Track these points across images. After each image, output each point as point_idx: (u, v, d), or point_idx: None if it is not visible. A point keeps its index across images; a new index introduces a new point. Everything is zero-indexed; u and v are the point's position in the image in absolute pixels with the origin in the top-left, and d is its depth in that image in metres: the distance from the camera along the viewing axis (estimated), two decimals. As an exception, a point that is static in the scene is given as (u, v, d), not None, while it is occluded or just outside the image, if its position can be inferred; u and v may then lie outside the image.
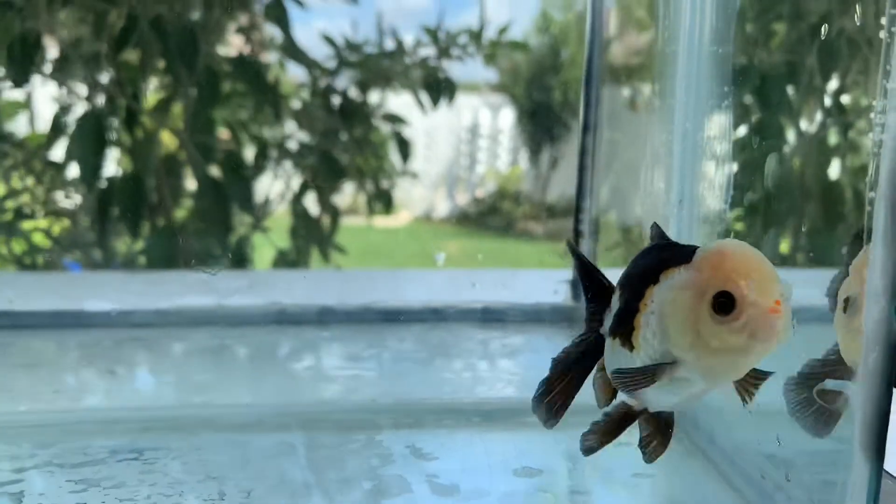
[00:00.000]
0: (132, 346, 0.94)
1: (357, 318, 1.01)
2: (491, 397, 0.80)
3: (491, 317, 1.01)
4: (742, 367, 0.47)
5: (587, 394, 0.55)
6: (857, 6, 0.67)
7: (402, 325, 1.01)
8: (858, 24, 0.68)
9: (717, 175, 0.66)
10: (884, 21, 0.48)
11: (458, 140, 4.04)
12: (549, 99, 3.88)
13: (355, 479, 0.63)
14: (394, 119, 1.76)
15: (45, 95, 1.51)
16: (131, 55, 1.51)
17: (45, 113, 1.53)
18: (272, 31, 1.63)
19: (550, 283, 1.04)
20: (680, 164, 0.71)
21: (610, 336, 0.52)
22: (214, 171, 1.53)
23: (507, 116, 4.05)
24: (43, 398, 0.81)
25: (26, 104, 1.56)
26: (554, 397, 0.54)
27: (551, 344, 0.96)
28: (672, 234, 0.74)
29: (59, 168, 1.55)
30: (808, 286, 0.60)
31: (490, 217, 4.16)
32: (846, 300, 0.58)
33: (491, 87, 3.93)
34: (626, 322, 0.49)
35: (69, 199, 1.60)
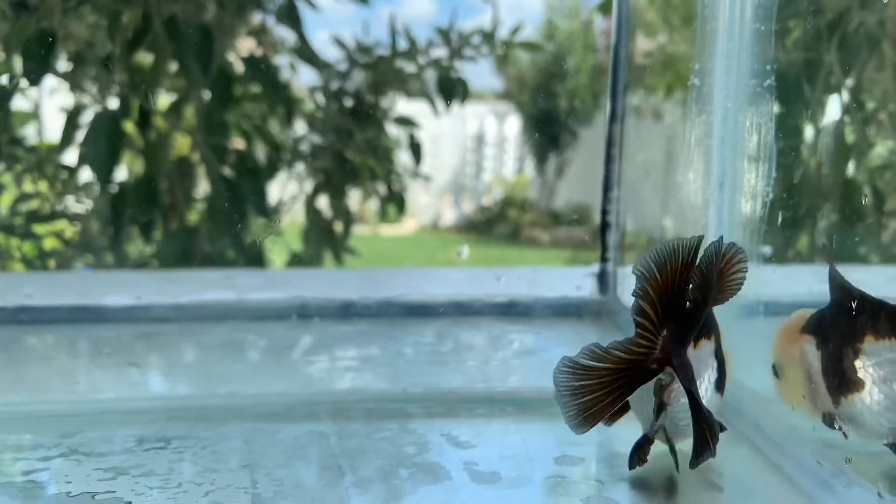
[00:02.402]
0: (152, 340, 0.93)
1: (381, 313, 0.99)
2: (525, 387, 0.78)
3: (517, 311, 0.99)
4: None
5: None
6: None
7: (429, 318, 0.99)
8: None
9: (759, 156, 0.65)
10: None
11: (463, 148, 4.02)
12: (555, 106, 3.85)
13: (391, 467, 0.62)
14: (406, 122, 1.75)
15: (53, 104, 1.50)
16: (144, 57, 1.50)
17: (52, 121, 1.52)
18: (283, 33, 1.61)
19: (574, 278, 1.02)
20: (720, 146, 0.69)
21: None
22: (228, 172, 1.52)
23: (513, 124, 4.03)
24: (64, 389, 0.79)
25: (35, 114, 1.54)
26: None
27: (579, 337, 0.94)
28: (712, 218, 0.72)
29: (72, 171, 1.54)
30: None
31: (496, 225, 4.13)
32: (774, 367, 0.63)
33: (496, 96, 3.91)
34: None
35: (81, 203, 1.59)
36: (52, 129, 1.55)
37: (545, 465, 0.63)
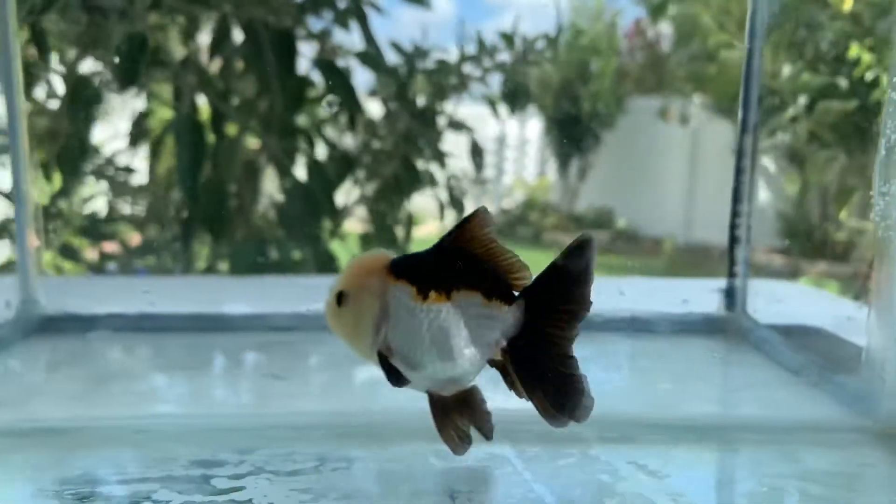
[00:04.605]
0: (283, 350, 0.91)
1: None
2: (694, 413, 0.77)
3: (640, 327, 0.98)
4: None
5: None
6: None
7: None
8: None
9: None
10: None
11: (484, 151, 3.97)
12: (578, 110, 3.82)
13: (597, 498, 0.60)
14: (462, 127, 1.73)
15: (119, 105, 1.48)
16: (217, 61, 1.48)
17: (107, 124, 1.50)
18: (343, 37, 1.60)
19: (701, 293, 1.01)
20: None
21: None
22: (300, 176, 1.50)
23: (535, 127, 4.00)
24: (221, 402, 0.77)
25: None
26: None
27: (712, 356, 0.94)
28: None
29: (136, 173, 1.52)
30: None
31: (518, 227, 4.11)
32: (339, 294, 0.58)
33: (518, 98, 3.87)
34: None
35: (143, 206, 1.57)
36: (103, 131, 1.52)
37: (755, 497, 0.62)
